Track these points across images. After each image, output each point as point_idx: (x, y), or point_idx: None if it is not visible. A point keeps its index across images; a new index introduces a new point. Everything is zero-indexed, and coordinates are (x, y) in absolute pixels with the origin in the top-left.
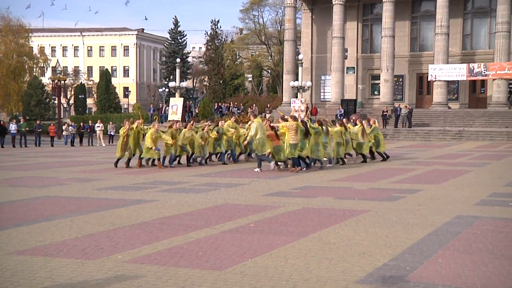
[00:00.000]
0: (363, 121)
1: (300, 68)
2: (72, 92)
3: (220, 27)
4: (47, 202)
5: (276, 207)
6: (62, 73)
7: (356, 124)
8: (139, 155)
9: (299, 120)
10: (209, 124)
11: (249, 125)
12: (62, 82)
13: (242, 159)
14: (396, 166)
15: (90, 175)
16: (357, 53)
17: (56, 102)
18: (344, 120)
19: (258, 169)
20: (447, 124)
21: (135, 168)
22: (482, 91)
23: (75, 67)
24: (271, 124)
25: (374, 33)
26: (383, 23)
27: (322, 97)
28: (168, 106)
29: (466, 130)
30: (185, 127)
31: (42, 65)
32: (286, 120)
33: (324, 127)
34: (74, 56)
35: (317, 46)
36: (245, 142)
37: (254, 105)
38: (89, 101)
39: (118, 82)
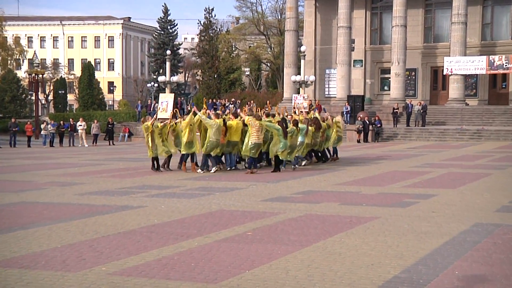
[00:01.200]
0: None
1: (302, 61)
2: (51, 87)
3: (215, 15)
4: (23, 208)
5: (276, 214)
6: (40, 66)
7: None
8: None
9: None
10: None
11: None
12: (40, 76)
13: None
14: (408, 168)
15: (71, 178)
16: (365, 44)
17: (33, 98)
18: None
19: (201, 170)
20: (465, 123)
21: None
22: (504, 86)
23: (54, 59)
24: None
25: (384, 22)
26: (394, 12)
27: (326, 92)
28: (157, 102)
29: (486, 129)
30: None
31: (17, 57)
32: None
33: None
34: (53, 47)
35: (321, 37)
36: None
37: (252, 101)
38: (70, 97)
39: (102, 76)
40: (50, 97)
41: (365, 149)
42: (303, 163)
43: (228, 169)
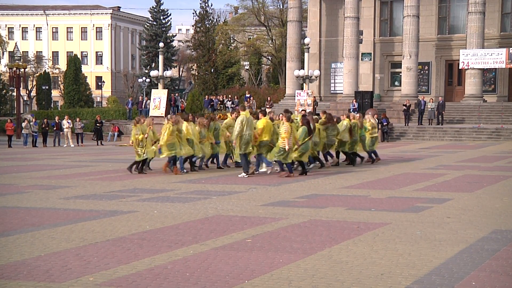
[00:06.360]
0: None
1: (306, 55)
2: (34, 82)
3: (211, 5)
4: (3, 214)
5: (278, 220)
6: (21, 60)
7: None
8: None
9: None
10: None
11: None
12: (22, 70)
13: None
14: (421, 170)
15: (55, 181)
16: (374, 36)
17: (14, 94)
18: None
19: (244, 174)
20: (482, 121)
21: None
22: None
23: (37, 52)
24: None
25: (394, 12)
26: (406, 1)
27: (332, 88)
28: (150, 99)
29: (505, 127)
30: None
31: None
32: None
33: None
34: (36, 39)
35: (327, 28)
36: (234, 141)
37: (251, 98)
38: (55, 93)
39: (90, 71)
40: (33, 93)
41: None
42: (311, 166)
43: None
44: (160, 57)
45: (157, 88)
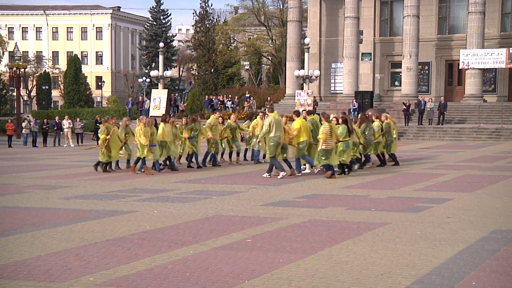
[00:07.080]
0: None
1: (306, 54)
2: (34, 82)
3: (211, 5)
4: (3, 214)
5: (278, 219)
6: (21, 59)
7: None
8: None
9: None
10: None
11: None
12: (22, 70)
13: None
14: (421, 170)
15: (55, 181)
16: (374, 36)
17: (14, 94)
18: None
19: (267, 174)
20: (482, 121)
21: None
22: None
23: (37, 52)
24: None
25: (394, 12)
26: (406, 1)
27: (332, 88)
28: (150, 99)
29: (505, 127)
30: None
31: None
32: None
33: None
34: (36, 39)
35: (327, 28)
36: (258, 140)
37: (252, 97)
38: (55, 93)
39: (90, 71)
40: (33, 93)
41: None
42: (356, 166)
43: (299, 174)
44: (160, 57)
45: (157, 88)
